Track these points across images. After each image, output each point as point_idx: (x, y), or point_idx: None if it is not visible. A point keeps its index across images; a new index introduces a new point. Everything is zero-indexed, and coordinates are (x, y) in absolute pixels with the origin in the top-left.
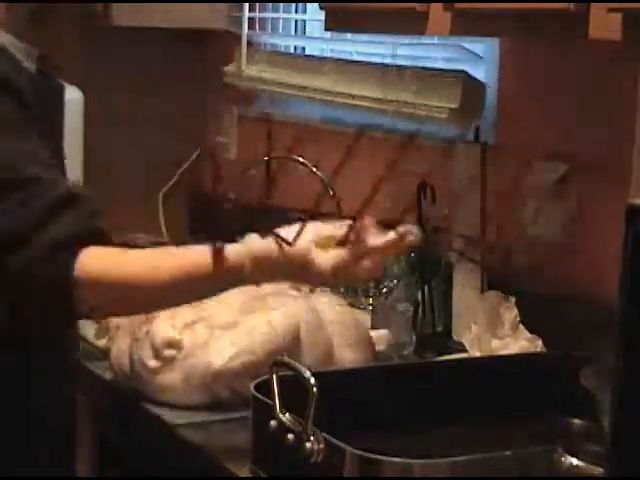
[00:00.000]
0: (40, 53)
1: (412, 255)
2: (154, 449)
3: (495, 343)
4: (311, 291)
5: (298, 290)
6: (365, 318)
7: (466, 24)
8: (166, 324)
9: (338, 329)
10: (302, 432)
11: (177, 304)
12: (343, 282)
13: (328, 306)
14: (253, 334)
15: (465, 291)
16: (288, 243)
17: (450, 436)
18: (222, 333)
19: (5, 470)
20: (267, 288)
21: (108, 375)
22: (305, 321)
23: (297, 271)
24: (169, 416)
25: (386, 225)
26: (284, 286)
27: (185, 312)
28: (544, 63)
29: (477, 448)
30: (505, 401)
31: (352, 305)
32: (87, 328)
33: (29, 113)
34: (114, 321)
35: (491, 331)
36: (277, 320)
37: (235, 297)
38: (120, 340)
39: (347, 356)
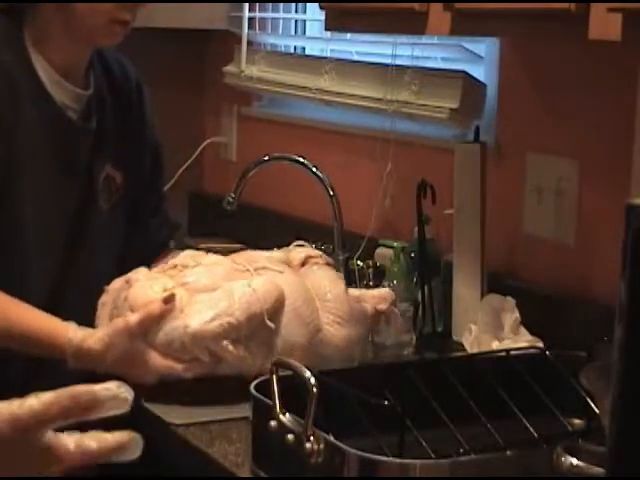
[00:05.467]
0: None
1: (412, 255)
2: (154, 449)
3: (495, 344)
4: (303, 265)
5: (289, 265)
6: (359, 291)
7: (466, 24)
8: (145, 288)
9: (328, 306)
10: (302, 432)
11: None
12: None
13: (321, 281)
14: (232, 296)
15: (465, 291)
16: None
17: (450, 436)
18: (200, 296)
19: None
20: (255, 263)
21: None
22: (292, 292)
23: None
24: (169, 416)
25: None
26: (272, 261)
27: (165, 278)
28: (544, 63)
29: (477, 448)
30: (505, 401)
31: None
32: None
33: None
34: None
35: (491, 332)
36: (258, 284)
37: (218, 267)
38: (103, 316)
39: (336, 334)
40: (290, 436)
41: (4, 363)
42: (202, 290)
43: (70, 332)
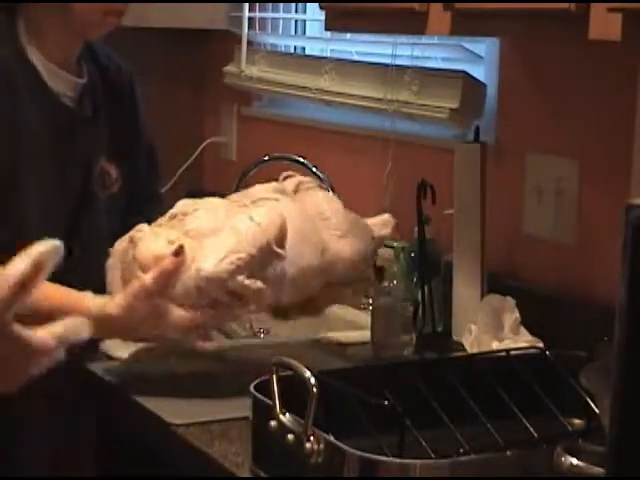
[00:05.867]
0: None
1: (412, 255)
2: (154, 449)
3: (495, 344)
4: (296, 192)
5: (283, 193)
6: (368, 220)
7: (466, 24)
8: (150, 244)
9: (330, 223)
10: (302, 432)
11: None
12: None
13: (318, 201)
14: (238, 232)
15: (465, 291)
16: None
17: (450, 436)
18: (208, 240)
19: None
20: (253, 195)
21: (107, 374)
22: (292, 216)
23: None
24: (169, 416)
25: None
26: (270, 189)
27: (167, 230)
28: (544, 63)
29: (477, 448)
30: (505, 401)
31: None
32: None
33: None
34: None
35: (491, 333)
36: (259, 215)
37: (217, 207)
38: (114, 279)
39: (344, 248)
40: (290, 436)
41: None
42: (207, 234)
43: (88, 301)
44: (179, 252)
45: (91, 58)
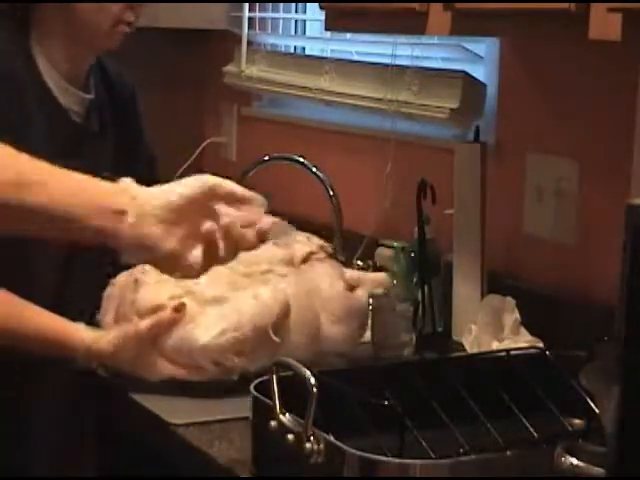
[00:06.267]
0: None
1: (412, 255)
2: (153, 449)
3: (495, 344)
4: (304, 262)
5: (289, 265)
6: (358, 274)
7: (466, 24)
8: (152, 294)
9: (326, 304)
10: (302, 432)
11: None
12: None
13: (320, 279)
14: (240, 310)
15: (465, 291)
16: None
17: (450, 436)
18: (210, 308)
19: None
20: (257, 265)
21: (107, 374)
22: (294, 299)
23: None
24: (169, 416)
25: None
26: (274, 262)
27: (172, 285)
28: (544, 63)
29: (477, 448)
30: (505, 401)
31: None
32: None
33: None
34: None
35: (491, 333)
36: (264, 296)
37: (223, 273)
38: (109, 310)
39: (333, 333)
40: (290, 436)
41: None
42: (209, 301)
43: (82, 333)
44: (179, 309)
45: (100, 74)
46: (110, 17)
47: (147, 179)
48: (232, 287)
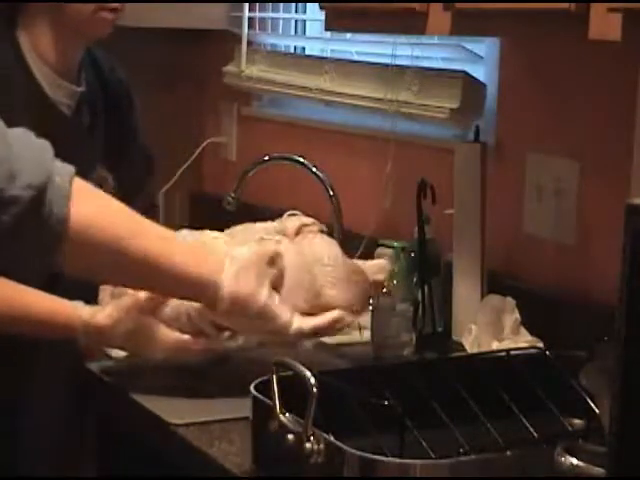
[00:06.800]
0: None
1: (412, 255)
2: (153, 449)
3: (495, 345)
4: (297, 234)
5: (284, 235)
6: (365, 263)
7: (466, 24)
8: None
9: (326, 270)
10: (302, 432)
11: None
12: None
13: (317, 248)
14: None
15: (465, 291)
16: None
17: (450, 436)
18: None
19: None
20: (252, 235)
21: (107, 374)
22: (290, 260)
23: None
24: (169, 416)
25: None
26: (271, 230)
27: None
28: (544, 63)
29: (477, 448)
30: (505, 401)
31: None
32: None
33: None
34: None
35: (491, 333)
36: (258, 247)
37: (219, 242)
38: (105, 299)
39: (336, 297)
40: (290, 436)
41: None
42: None
43: (79, 310)
44: None
45: (93, 68)
46: (90, 4)
47: (142, 179)
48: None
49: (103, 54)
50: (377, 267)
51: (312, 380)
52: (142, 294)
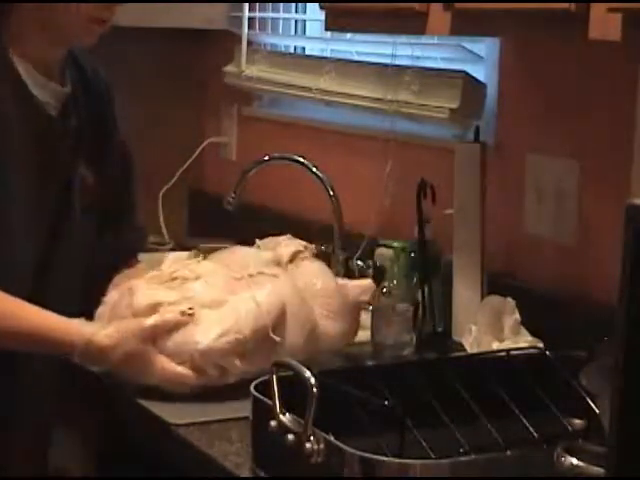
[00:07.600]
0: None
1: (412, 255)
2: (153, 449)
3: (495, 345)
4: (291, 262)
5: (279, 266)
6: (343, 281)
7: (466, 24)
8: (149, 296)
9: (320, 301)
10: (302, 432)
11: None
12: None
13: (311, 277)
14: (239, 312)
15: (465, 291)
16: None
17: (450, 436)
18: (208, 312)
19: None
20: (246, 269)
21: (107, 376)
22: (289, 298)
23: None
24: (169, 416)
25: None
26: (262, 263)
27: (167, 292)
28: (544, 63)
29: (477, 448)
30: (505, 401)
31: None
32: None
33: None
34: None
35: (491, 333)
36: (262, 298)
37: (217, 277)
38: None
39: (330, 328)
40: (290, 436)
41: None
42: (208, 304)
43: (80, 327)
44: (190, 314)
45: (74, 67)
46: (82, 15)
47: (124, 178)
48: (228, 291)
49: (84, 53)
50: (361, 288)
51: (312, 380)
52: (148, 320)
